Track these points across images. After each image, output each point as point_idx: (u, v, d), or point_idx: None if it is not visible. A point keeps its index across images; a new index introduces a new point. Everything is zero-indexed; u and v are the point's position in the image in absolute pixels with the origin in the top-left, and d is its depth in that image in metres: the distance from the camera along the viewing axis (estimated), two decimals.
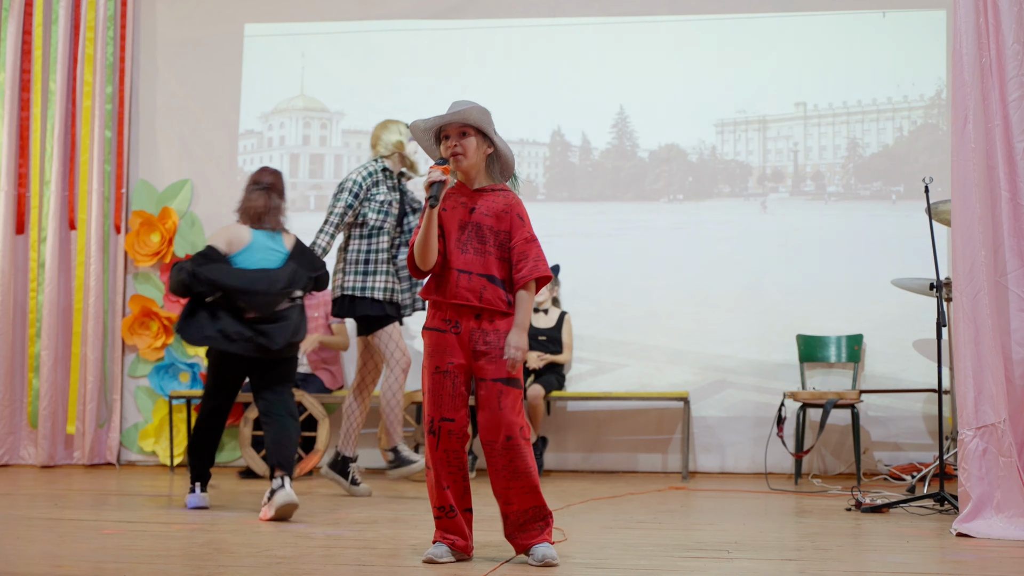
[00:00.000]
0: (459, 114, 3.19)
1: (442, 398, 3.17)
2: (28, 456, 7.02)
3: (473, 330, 3.16)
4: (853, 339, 6.59)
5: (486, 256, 3.18)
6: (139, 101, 7.46)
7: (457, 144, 3.21)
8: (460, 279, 3.16)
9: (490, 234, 3.20)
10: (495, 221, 3.21)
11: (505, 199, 3.24)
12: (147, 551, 3.36)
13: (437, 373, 3.18)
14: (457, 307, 3.18)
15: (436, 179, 3.13)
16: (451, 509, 3.17)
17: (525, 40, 7.21)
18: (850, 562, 3.23)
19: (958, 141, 3.95)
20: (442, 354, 3.18)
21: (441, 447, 3.17)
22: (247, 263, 4.69)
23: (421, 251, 3.16)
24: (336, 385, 6.80)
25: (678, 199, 7.08)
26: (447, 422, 3.16)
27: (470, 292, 3.15)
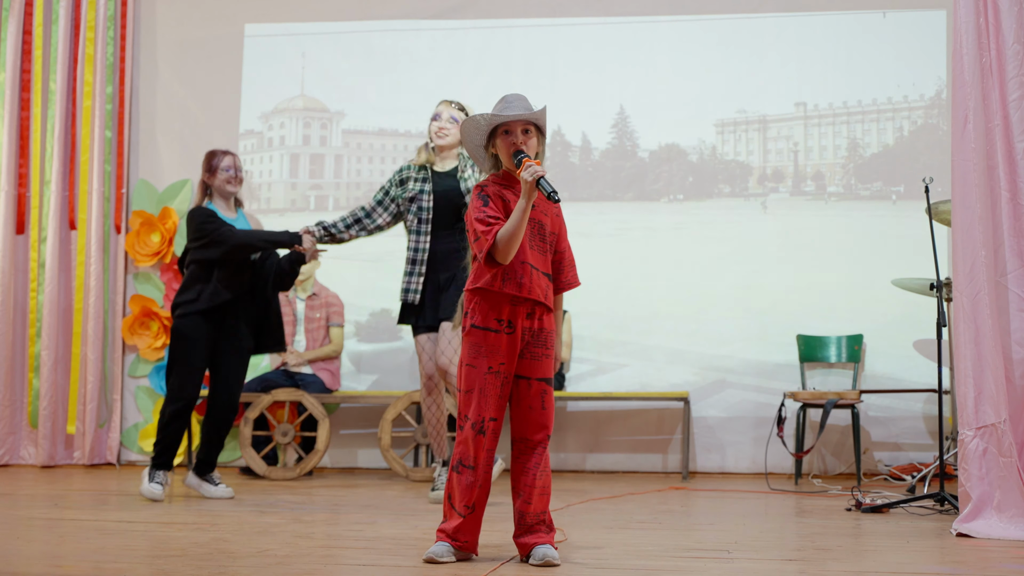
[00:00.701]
0: (535, 113, 3.17)
1: (492, 398, 3.15)
2: (28, 456, 7.02)
3: (527, 329, 3.17)
4: (853, 339, 6.59)
5: (546, 255, 3.23)
6: (139, 101, 7.46)
7: (524, 142, 3.17)
8: (534, 275, 3.17)
9: (547, 234, 3.24)
10: (550, 222, 3.25)
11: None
12: (147, 551, 3.35)
13: (490, 373, 3.15)
14: (515, 304, 3.15)
15: (541, 172, 3.04)
16: (473, 507, 3.17)
17: (525, 40, 7.21)
18: (850, 562, 3.23)
19: (958, 141, 3.95)
20: (495, 354, 3.15)
21: (487, 447, 3.16)
22: None
23: (512, 244, 3.08)
24: (336, 385, 6.80)
25: (678, 199, 7.08)
26: (494, 422, 3.16)
27: (540, 289, 3.18)
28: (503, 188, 3.22)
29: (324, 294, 6.83)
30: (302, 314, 6.78)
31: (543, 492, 3.17)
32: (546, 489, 3.18)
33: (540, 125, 3.21)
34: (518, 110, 3.17)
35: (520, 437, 3.18)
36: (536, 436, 3.17)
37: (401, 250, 5.16)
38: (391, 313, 7.00)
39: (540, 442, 3.17)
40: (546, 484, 3.18)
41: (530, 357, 3.17)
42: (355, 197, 7.23)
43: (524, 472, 3.17)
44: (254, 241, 5.08)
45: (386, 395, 6.58)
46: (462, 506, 3.16)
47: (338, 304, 6.83)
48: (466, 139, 3.26)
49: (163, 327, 7.11)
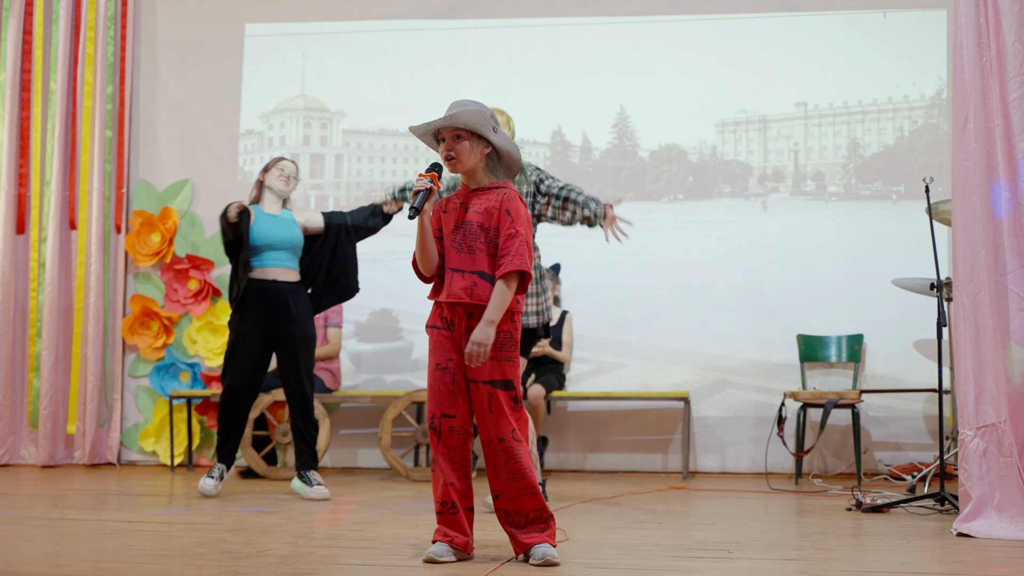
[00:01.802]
0: (450, 118, 3.18)
1: (442, 395, 3.18)
2: (28, 456, 7.02)
3: (468, 329, 3.17)
4: (854, 339, 6.59)
5: (476, 253, 3.19)
6: (139, 101, 7.46)
7: (451, 148, 3.20)
8: (454, 278, 3.19)
9: (480, 231, 3.20)
10: (485, 218, 3.20)
11: (498, 196, 3.22)
12: (147, 551, 3.35)
13: (437, 370, 3.20)
14: (452, 306, 3.20)
15: (421, 188, 3.14)
16: (453, 505, 3.17)
17: (525, 40, 7.21)
18: (850, 562, 3.23)
19: (958, 141, 3.95)
20: (441, 351, 3.21)
21: (442, 443, 3.18)
22: None
23: (419, 257, 3.23)
24: (336, 385, 6.80)
25: (679, 199, 7.08)
26: (447, 418, 3.18)
27: (462, 290, 3.17)
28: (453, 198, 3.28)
29: None
30: None
31: (520, 492, 3.15)
32: (528, 489, 3.14)
33: (465, 129, 3.19)
34: (445, 116, 3.20)
35: (482, 439, 3.20)
36: (489, 437, 3.15)
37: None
38: (391, 313, 7.00)
39: (493, 444, 3.14)
40: (526, 484, 3.14)
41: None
42: (355, 197, 7.23)
43: (493, 473, 3.18)
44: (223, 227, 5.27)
45: (386, 395, 6.58)
46: (437, 503, 3.20)
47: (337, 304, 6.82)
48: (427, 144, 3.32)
49: (163, 327, 7.12)
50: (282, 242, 5.25)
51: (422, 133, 3.25)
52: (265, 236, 5.23)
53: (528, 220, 3.24)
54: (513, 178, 3.34)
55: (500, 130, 3.26)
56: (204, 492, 5.10)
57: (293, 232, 5.30)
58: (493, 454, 3.15)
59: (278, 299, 5.22)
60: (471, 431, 3.22)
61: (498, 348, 3.16)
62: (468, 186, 3.27)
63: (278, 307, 5.21)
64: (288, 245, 5.27)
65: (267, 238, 5.23)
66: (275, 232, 5.25)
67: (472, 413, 3.21)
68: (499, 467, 3.15)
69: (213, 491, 5.11)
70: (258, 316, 5.21)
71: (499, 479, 3.16)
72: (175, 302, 7.16)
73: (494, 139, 3.23)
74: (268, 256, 5.24)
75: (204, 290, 7.09)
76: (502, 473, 3.15)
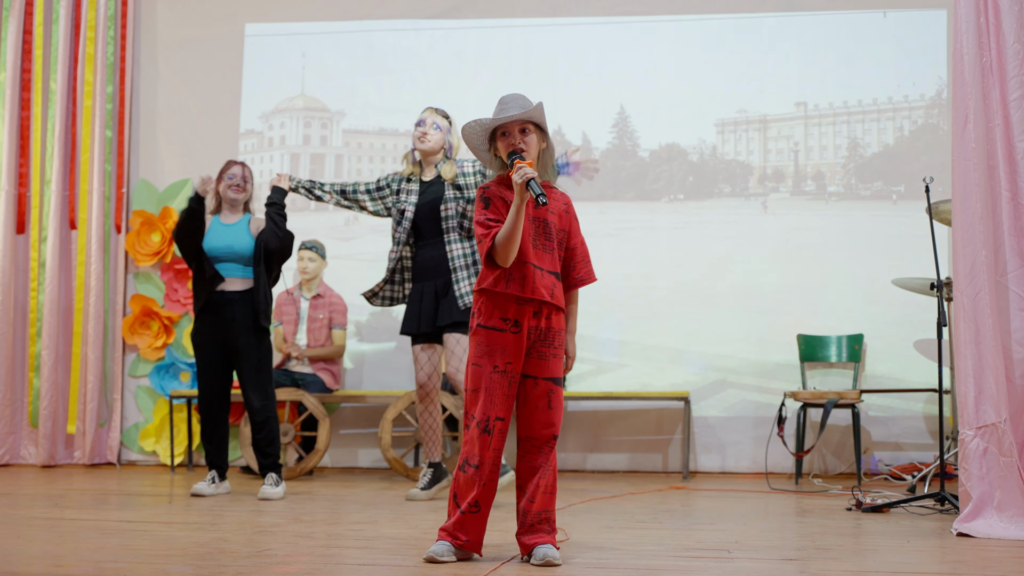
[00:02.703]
0: (527, 111, 3.17)
1: (499, 397, 3.15)
2: (28, 456, 7.02)
3: (533, 328, 3.16)
4: (854, 339, 6.59)
5: (553, 253, 3.21)
6: (140, 101, 7.46)
7: (521, 141, 3.19)
8: (536, 275, 3.16)
9: (555, 232, 3.22)
10: (558, 219, 3.23)
11: (563, 198, 3.29)
12: (147, 551, 3.35)
13: (495, 372, 3.15)
14: (520, 304, 3.15)
15: (531, 175, 3.04)
16: (477, 505, 3.17)
17: (525, 40, 7.21)
18: (850, 562, 3.23)
19: (958, 141, 3.95)
20: (501, 353, 3.15)
21: (493, 446, 3.15)
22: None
23: (510, 246, 3.10)
24: (336, 385, 6.80)
25: (679, 199, 7.08)
26: (500, 421, 3.15)
27: (545, 288, 3.16)
28: (505, 189, 3.21)
29: (328, 295, 6.83)
30: (305, 313, 6.77)
31: (547, 491, 3.17)
32: (551, 488, 3.18)
33: (537, 123, 3.21)
34: (513, 110, 3.18)
35: (526, 436, 3.18)
36: (542, 435, 3.17)
37: None
38: (391, 313, 7.00)
39: (546, 441, 3.17)
40: (551, 483, 3.18)
41: (537, 356, 3.17)
42: None
43: (529, 471, 3.17)
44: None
45: (386, 395, 6.58)
46: (465, 503, 3.16)
47: (341, 306, 6.83)
48: (469, 144, 3.28)
49: (163, 327, 7.12)
50: (229, 253, 5.31)
51: (486, 128, 3.20)
52: (212, 248, 5.31)
53: None
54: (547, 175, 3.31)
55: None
56: (197, 492, 5.15)
57: (242, 241, 5.32)
58: (536, 450, 3.16)
59: (226, 308, 5.28)
60: None
61: (558, 346, 3.20)
62: None
63: (227, 316, 5.27)
64: (235, 255, 5.31)
65: (214, 250, 5.31)
66: (222, 243, 5.31)
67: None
68: (540, 464, 3.16)
69: (206, 491, 5.17)
70: (210, 326, 5.29)
71: (533, 477, 3.16)
72: (175, 302, 7.17)
73: (549, 136, 3.26)
74: (218, 267, 5.31)
75: None
76: (540, 471, 3.16)
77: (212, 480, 5.25)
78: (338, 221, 7.18)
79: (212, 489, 5.21)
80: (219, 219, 5.41)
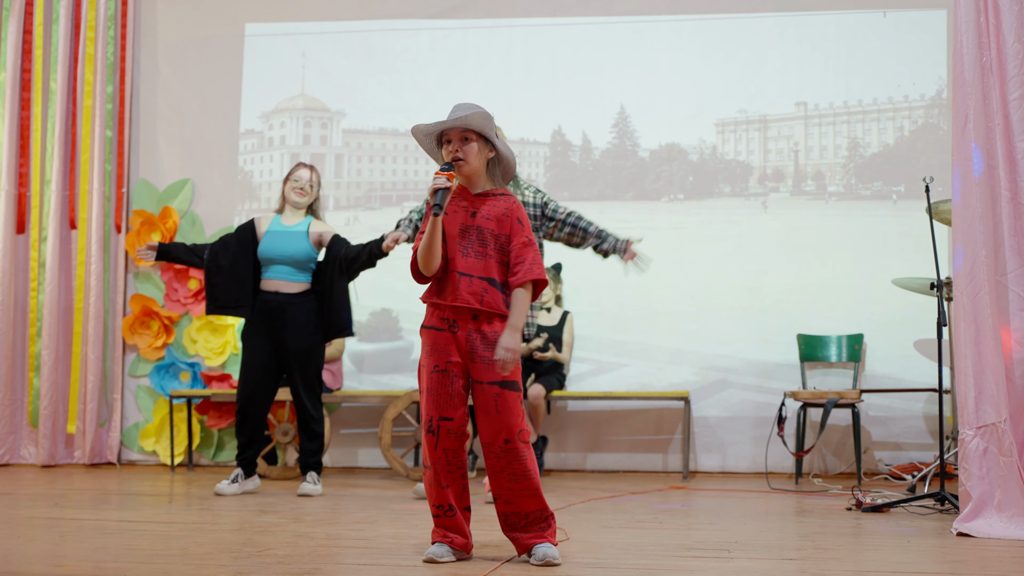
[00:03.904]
0: (461, 119, 3.18)
1: (441, 397, 3.17)
2: (29, 455, 7.02)
3: (471, 331, 3.16)
4: (854, 339, 6.59)
5: (487, 259, 3.19)
6: (140, 100, 7.46)
7: (459, 149, 3.20)
8: (462, 282, 3.17)
9: (491, 238, 3.20)
10: (496, 225, 3.21)
11: (506, 203, 3.25)
12: (147, 551, 3.35)
13: (436, 372, 3.18)
14: (456, 309, 3.18)
15: (441, 186, 3.11)
16: (450, 508, 3.17)
17: (525, 40, 7.21)
18: (850, 562, 3.23)
19: (958, 141, 3.95)
20: (441, 353, 3.18)
21: (440, 446, 3.17)
22: None
23: (426, 257, 3.16)
24: (336, 385, 6.80)
25: (679, 199, 7.08)
26: (446, 421, 3.17)
27: (471, 295, 3.16)
28: (452, 198, 3.25)
29: None
30: None
31: (523, 493, 3.14)
32: (526, 490, 3.14)
33: (477, 131, 3.20)
34: (454, 117, 3.19)
35: (483, 441, 3.19)
36: (494, 440, 3.14)
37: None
38: (391, 313, 7.00)
39: (499, 446, 3.13)
40: (525, 485, 3.14)
41: (479, 361, 3.15)
42: (355, 196, 7.24)
43: (494, 476, 3.17)
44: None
45: (386, 395, 6.58)
46: (433, 506, 3.20)
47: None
48: (423, 147, 3.31)
49: (163, 327, 7.11)
50: (284, 256, 5.37)
51: (426, 133, 3.24)
52: (268, 251, 5.39)
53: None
54: (507, 184, 3.35)
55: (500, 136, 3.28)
56: (219, 491, 5.22)
57: (299, 247, 5.37)
58: (494, 456, 3.14)
59: (278, 311, 5.33)
60: (467, 433, 3.22)
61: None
62: (468, 190, 3.26)
63: (279, 319, 5.33)
64: (290, 259, 5.37)
65: (269, 252, 5.38)
66: (278, 247, 5.37)
67: (468, 416, 3.21)
68: (500, 469, 3.14)
69: (227, 491, 5.22)
70: (262, 327, 5.35)
71: (499, 481, 3.16)
72: (175, 302, 7.16)
73: (498, 144, 3.25)
74: (273, 269, 5.39)
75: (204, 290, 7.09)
76: (503, 475, 3.15)
77: (235, 480, 5.31)
78: (339, 221, 7.17)
79: (232, 490, 5.25)
80: (279, 220, 5.46)
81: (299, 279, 5.38)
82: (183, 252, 5.50)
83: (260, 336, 5.35)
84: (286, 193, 5.47)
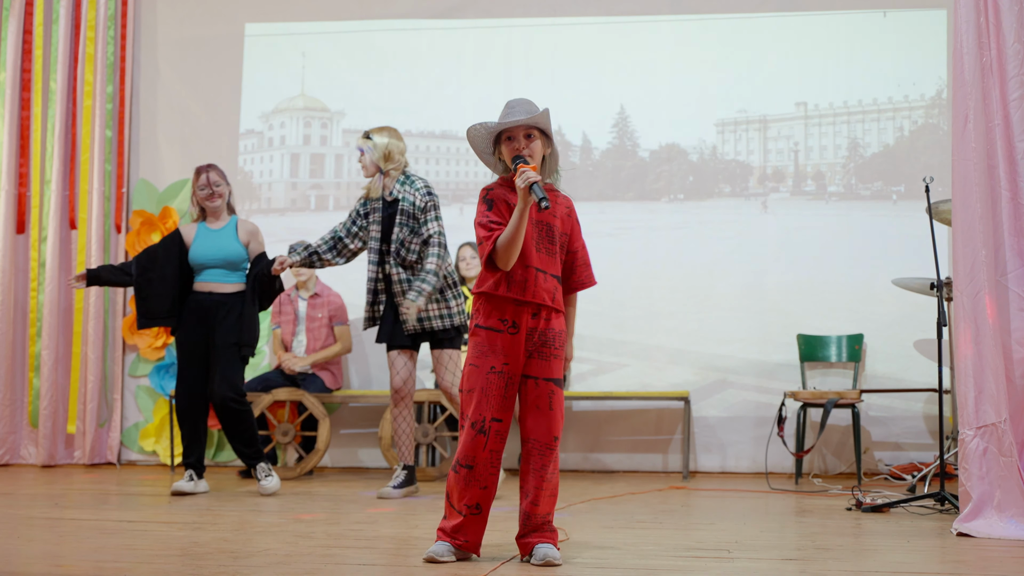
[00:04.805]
0: (533, 118, 3.17)
1: (496, 398, 3.15)
2: (28, 456, 7.02)
3: (532, 329, 3.16)
4: (854, 339, 6.59)
5: (555, 257, 3.22)
6: (140, 100, 7.46)
7: (526, 146, 3.19)
8: (539, 278, 3.16)
9: (557, 235, 3.23)
10: (561, 223, 3.24)
11: (566, 202, 3.30)
12: (147, 551, 3.35)
13: (492, 373, 3.14)
14: (518, 306, 3.15)
15: (534, 179, 3.04)
16: (478, 507, 3.16)
17: (525, 40, 7.21)
18: (851, 562, 3.23)
19: (959, 141, 3.95)
20: (498, 354, 3.15)
21: (488, 447, 3.15)
22: None
23: (512, 250, 3.09)
24: (336, 385, 6.80)
25: (679, 199, 7.08)
26: (497, 422, 3.15)
27: (546, 292, 3.17)
28: (509, 192, 3.22)
29: (327, 294, 6.83)
30: (303, 313, 6.77)
31: (552, 494, 3.17)
32: (555, 491, 3.18)
33: (541, 128, 3.21)
34: (519, 115, 3.17)
35: (528, 438, 3.18)
36: (544, 437, 3.16)
37: None
38: None
39: (547, 443, 3.16)
40: (555, 486, 3.18)
41: (537, 357, 3.16)
42: (355, 196, 7.21)
43: (532, 473, 3.16)
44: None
45: (387, 394, 6.57)
46: (462, 505, 3.15)
47: (341, 303, 6.83)
48: (474, 147, 3.29)
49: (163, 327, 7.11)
50: (216, 259, 5.40)
51: (490, 131, 3.21)
52: (199, 256, 5.41)
53: None
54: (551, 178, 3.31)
55: None
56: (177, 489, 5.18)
57: (229, 248, 5.40)
58: (538, 453, 3.15)
59: (211, 309, 5.35)
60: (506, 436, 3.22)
61: (559, 347, 3.20)
62: None
63: (211, 317, 5.34)
64: (223, 261, 5.40)
65: (201, 258, 5.41)
66: (209, 251, 5.39)
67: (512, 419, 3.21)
68: (541, 467, 3.15)
69: (186, 488, 5.19)
70: (196, 328, 5.35)
71: (535, 480, 3.15)
72: None
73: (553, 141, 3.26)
74: (205, 273, 5.41)
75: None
76: (541, 474, 3.15)
77: (191, 478, 5.31)
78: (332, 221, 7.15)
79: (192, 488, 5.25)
80: (205, 226, 5.48)
81: (232, 280, 5.41)
82: (111, 273, 5.52)
83: (194, 337, 5.33)
84: (200, 202, 5.45)
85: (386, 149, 5.27)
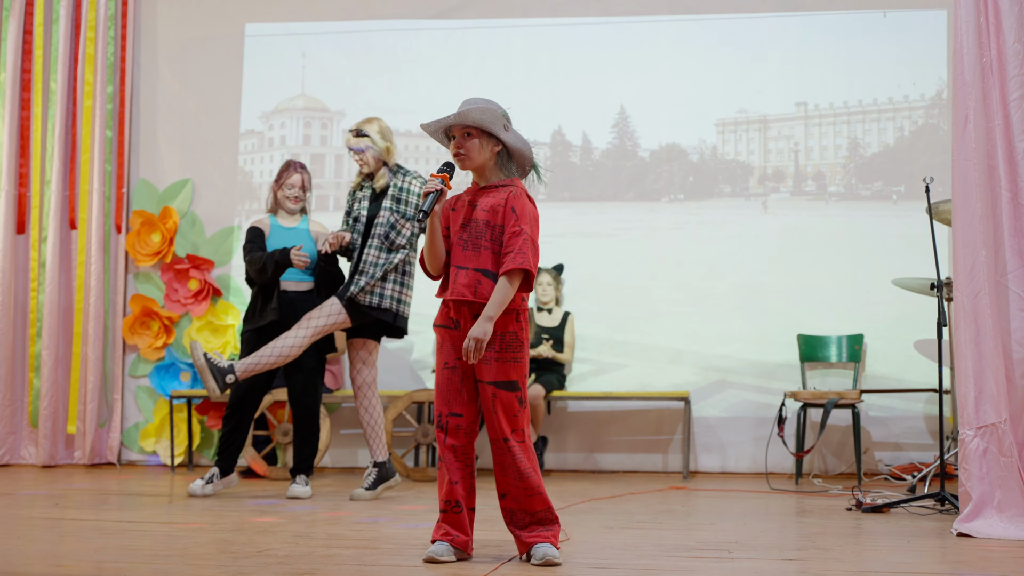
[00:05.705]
0: (459, 116, 3.18)
1: (450, 393, 3.19)
2: (29, 456, 7.02)
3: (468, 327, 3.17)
4: (854, 339, 6.59)
5: (480, 251, 3.18)
6: (140, 101, 7.46)
7: (461, 146, 3.21)
8: (458, 275, 3.19)
9: (486, 229, 3.19)
10: (491, 216, 3.19)
11: (505, 193, 3.21)
12: (147, 551, 3.35)
13: (446, 369, 3.21)
14: (458, 305, 3.20)
15: (430, 189, 3.15)
16: (457, 504, 3.17)
17: (525, 40, 7.21)
18: (851, 562, 3.23)
19: (959, 141, 3.95)
20: (449, 350, 3.21)
21: (449, 441, 3.18)
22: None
23: (428, 256, 3.26)
24: (336, 385, 6.80)
25: (679, 199, 7.08)
26: (455, 417, 3.18)
27: (465, 287, 3.17)
28: (462, 194, 3.29)
29: None
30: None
31: (531, 492, 3.15)
32: (528, 489, 3.14)
33: (475, 127, 3.20)
34: (452, 114, 3.20)
35: (489, 438, 3.20)
36: (493, 436, 3.16)
37: None
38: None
39: (498, 443, 3.15)
40: (526, 484, 3.14)
41: (479, 360, 3.15)
42: None
43: (501, 471, 3.18)
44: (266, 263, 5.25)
45: (386, 395, 6.57)
46: (442, 501, 3.21)
47: None
48: (437, 140, 3.33)
49: (163, 327, 7.11)
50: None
51: (433, 131, 3.27)
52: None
53: (535, 218, 3.22)
54: (525, 176, 3.33)
55: (512, 128, 3.27)
56: (191, 492, 5.15)
57: (305, 247, 5.33)
58: (500, 453, 3.16)
59: (286, 308, 5.29)
60: (476, 430, 3.24)
61: (503, 349, 3.16)
62: (478, 184, 3.28)
63: (285, 315, 5.28)
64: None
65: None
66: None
67: (479, 412, 3.22)
68: (506, 466, 3.16)
69: (199, 491, 5.13)
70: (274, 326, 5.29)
71: (506, 478, 3.17)
72: (175, 302, 7.16)
73: (505, 137, 3.24)
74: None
75: (204, 290, 7.10)
76: (509, 472, 3.15)
77: (211, 479, 5.21)
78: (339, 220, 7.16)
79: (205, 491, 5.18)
80: (277, 221, 5.43)
81: (306, 278, 5.37)
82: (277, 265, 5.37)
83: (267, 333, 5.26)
84: (280, 199, 5.43)
85: (387, 143, 5.27)
